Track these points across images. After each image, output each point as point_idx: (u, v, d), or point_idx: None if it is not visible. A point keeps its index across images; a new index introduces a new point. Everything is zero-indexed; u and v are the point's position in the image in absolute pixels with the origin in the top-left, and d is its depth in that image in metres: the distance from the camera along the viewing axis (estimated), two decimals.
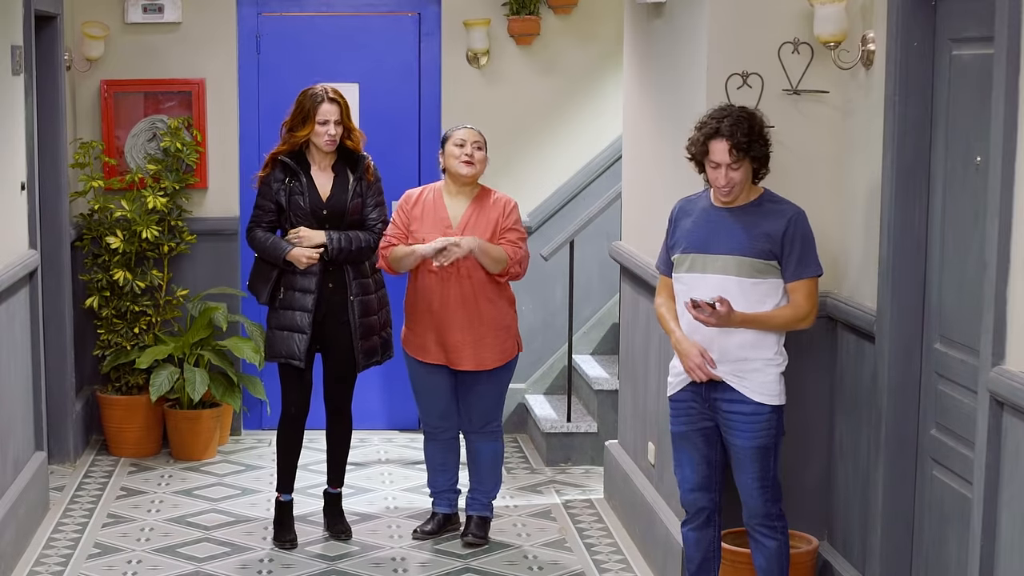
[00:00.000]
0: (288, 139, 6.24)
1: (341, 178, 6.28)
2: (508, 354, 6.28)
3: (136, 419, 7.77)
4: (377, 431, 8.34)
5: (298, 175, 6.23)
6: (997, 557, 4.02)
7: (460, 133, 6.21)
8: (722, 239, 4.89)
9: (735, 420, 4.93)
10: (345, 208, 6.24)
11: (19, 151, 6.58)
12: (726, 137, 4.81)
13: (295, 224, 6.24)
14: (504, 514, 6.83)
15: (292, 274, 6.23)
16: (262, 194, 6.30)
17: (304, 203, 6.21)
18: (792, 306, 4.88)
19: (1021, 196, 3.89)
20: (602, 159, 8.20)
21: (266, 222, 6.29)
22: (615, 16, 7.75)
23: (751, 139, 4.82)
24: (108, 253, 7.78)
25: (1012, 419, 3.93)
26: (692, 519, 5.14)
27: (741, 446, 4.93)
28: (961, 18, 4.57)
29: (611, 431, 7.45)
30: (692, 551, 5.16)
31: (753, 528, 4.99)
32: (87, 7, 7.93)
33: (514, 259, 6.15)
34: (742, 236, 4.86)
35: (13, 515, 6.06)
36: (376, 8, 8.16)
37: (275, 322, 6.30)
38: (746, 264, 4.86)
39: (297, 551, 6.32)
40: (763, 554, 4.99)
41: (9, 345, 6.24)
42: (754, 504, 4.96)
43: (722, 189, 4.88)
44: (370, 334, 6.31)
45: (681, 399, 5.05)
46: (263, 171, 6.32)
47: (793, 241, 4.85)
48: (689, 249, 4.98)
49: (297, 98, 6.25)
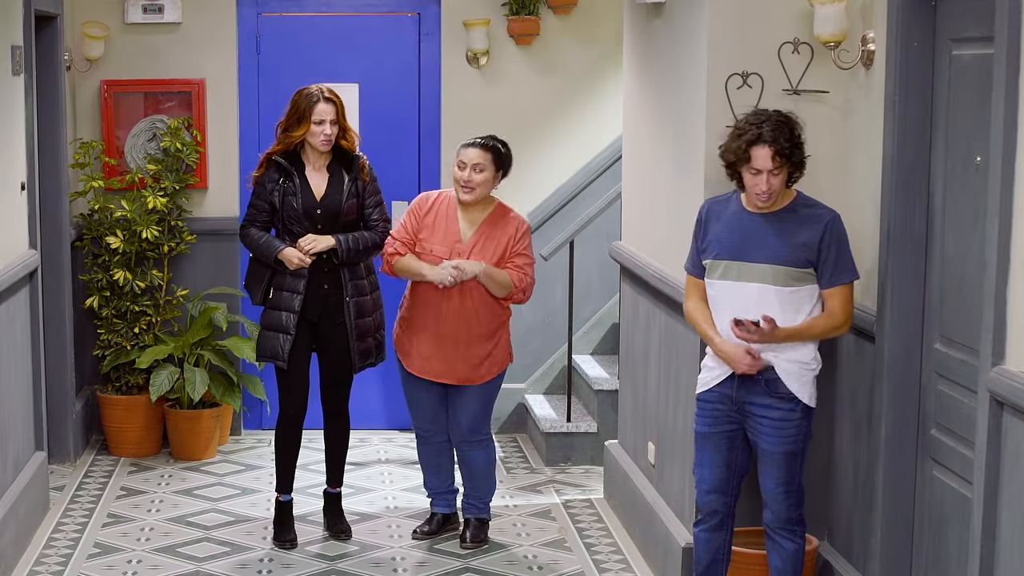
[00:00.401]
0: (283, 139, 6.23)
1: (336, 178, 6.27)
2: (499, 367, 6.27)
3: (136, 419, 7.77)
4: (377, 431, 8.34)
5: (292, 175, 6.22)
6: (997, 557, 4.02)
7: (465, 153, 6.13)
8: (758, 247, 4.85)
9: (764, 424, 4.91)
10: (340, 209, 6.23)
11: (19, 151, 6.58)
12: (769, 143, 4.74)
13: (288, 224, 6.23)
14: (503, 514, 6.83)
15: (282, 274, 6.22)
16: (256, 194, 6.29)
17: (297, 204, 6.19)
18: (828, 315, 4.86)
19: (1021, 196, 3.89)
20: (602, 159, 8.20)
21: (260, 222, 6.28)
22: (615, 16, 7.75)
23: (793, 144, 4.78)
24: (108, 253, 7.78)
25: (1012, 419, 3.93)
26: (704, 520, 5.13)
27: (769, 450, 4.92)
28: (961, 18, 4.57)
29: (611, 431, 7.45)
30: (701, 552, 5.15)
31: (773, 531, 4.98)
32: (87, 7, 7.93)
33: (519, 287, 6.11)
34: (779, 244, 4.83)
35: (13, 515, 6.06)
36: (376, 8, 8.16)
37: (264, 322, 6.31)
38: (782, 273, 4.82)
39: (297, 551, 6.32)
40: (780, 556, 4.99)
41: (9, 345, 6.24)
42: (777, 508, 4.95)
43: (762, 196, 4.81)
44: (365, 335, 6.31)
45: (708, 399, 5.03)
46: (257, 171, 6.31)
47: (830, 247, 4.82)
48: (722, 255, 4.93)
49: (292, 98, 6.23)
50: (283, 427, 6.41)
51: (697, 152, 5.48)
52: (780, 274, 4.83)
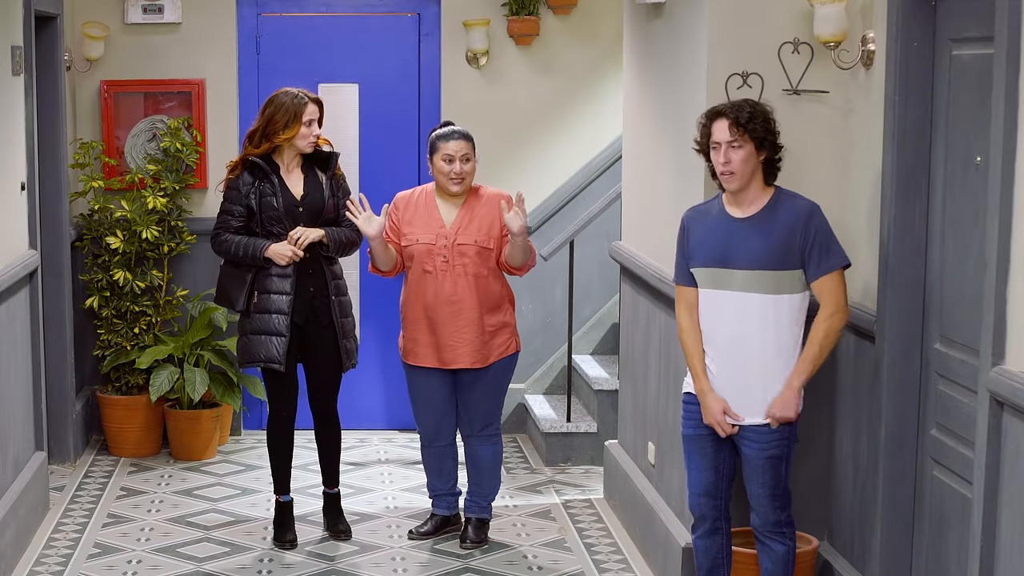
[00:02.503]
0: (265, 144, 6.13)
1: (311, 177, 6.25)
2: (507, 350, 6.25)
3: (136, 419, 7.77)
4: (377, 431, 8.34)
5: (269, 176, 6.18)
6: (997, 557, 4.02)
7: (449, 147, 6.08)
8: (740, 252, 4.82)
9: (748, 430, 4.91)
10: (322, 207, 6.22)
11: (19, 151, 6.58)
12: (726, 115, 4.80)
13: (268, 226, 6.17)
14: (504, 514, 6.83)
15: (267, 277, 6.17)
16: (228, 198, 6.20)
17: (277, 203, 6.15)
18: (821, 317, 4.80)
19: (1021, 196, 3.89)
20: (602, 159, 8.20)
21: (233, 228, 6.20)
22: (615, 16, 7.75)
23: (752, 118, 4.78)
24: (108, 253, 7.79)
25: (1012, 419, 3.93)
26: (698, 526, 5.11)
27: (753, 456, 4.91)
28: (961, 18, 4.57)
29: (611, 431, 7.45)
30: (701, 559, 5.14)
31: (762, 534, 4.98)
32: (87, 7, 7.93)
33: (533, 251, 6.16)
34: (761, 247, 4.79)
35: (13, 515, 6.06)
36: (376, 8, 8.16)
37: (250, 327, 6.21)
38: (768, 278, 4.79)
39: (297, 551, 6.32)
40: (770, 558, 4.99)
41: (9, 345, 6.24)
42: (764, 512, 4.95)
43: (726, 175, 4.80)
44: (348, 335, 6.30)
45: (693, 401, 5.03)
46: (231, 174, 6.23)
47: (815, 232, 4.77)
48: (707, 262, 4.91)
49: (275, 101, 6.12)
50: (276, 431, 6.41)
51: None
52: (766, 280, 4.79)
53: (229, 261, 6.24)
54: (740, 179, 4.82)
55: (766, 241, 4.80)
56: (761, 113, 4.83)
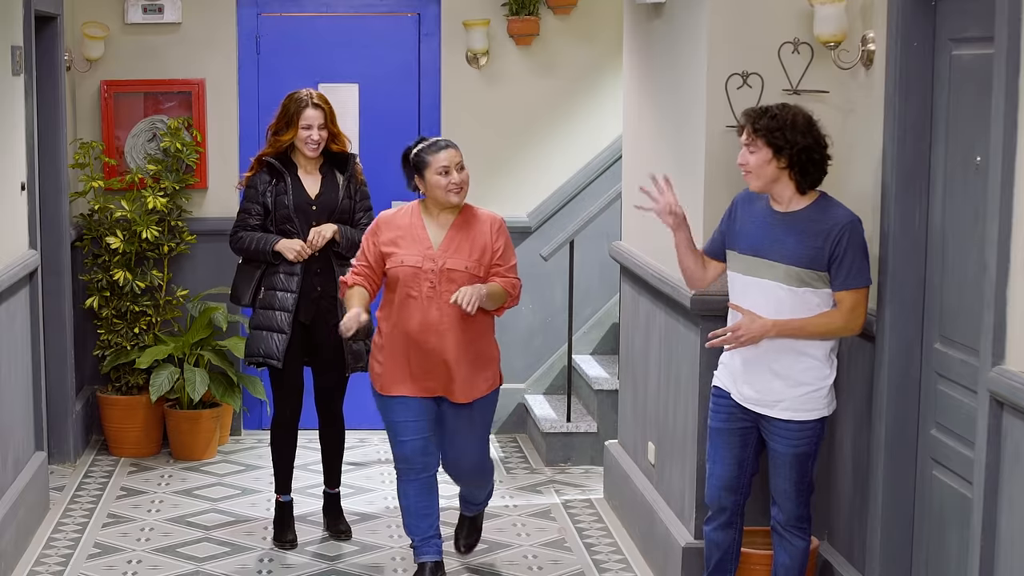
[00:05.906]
0: (273, 142, 6.25)
1: (329, 179, 6.29)
2: (492, 384, 5.80)
3: (136, 419, 7.77)
4: (377, 431, 8.30)
5: (284, 176, 6.22)
6: (997, 557, 4.02)
7: (441, 158, 5.60)
8: (776, 246, 4.86)
9: (778, 426, 4.92)
10: (335, 207, 6.24)
11: (19, 151, 6.58)
12: (747, 117, 4.84)
13: (281, 224, 6.21)
14: (503, 514, 6.83)
15: (274, 274, 6.22)
16: (248, 197, 6.28)
17: (288, 202, 6.19)
18: (827, 314, 4.82)
19: (1021, 196, 3.89)
20: (602, 159, 8.20)
21: (251, 225, 6.25)
22: (615, 16, 7.75)
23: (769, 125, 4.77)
24: (108, 253, 7.79)
25: (1012, 419, 3.93)
26: (714, 518, 5.13)
27: (781, 452, 4.92)
28: (961, 18, 4.57)
29: (611, 431, 7.45)
30: (711, 551, 5.16)
31: (784, 529, 4.98)
32: (87, 7, 7.93)
33: (512, 294, 5.69)
34: (795, 245, 4.82)
35: (13, 515, 6.07)
36: (376, 8, 8.16)
37: (254, 322, 6.28)
38: (794, 274, 4.82)
39: (297, 551, 6.32)
40: (789, 553, 4.99)
41: (9, 345, 6.25)
42: (789, 507, 4.96)
43: (740, 169, 4.89)
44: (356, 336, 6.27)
45: (721, 394, 5.04)
46: (249, 172, 6.31)
47: (845, 249, 4.77)
48: (745, 250, 4.96)
49: (283, 101, 6.25)
50: (279, 431, 6.41)
51: (697, 152, 5.48)
52: (793, 275, 4.83)
53: (245, 258, 6.30)
54: (758, 179, 4.85)
55: (799, 240, 4.82)
56: (783, 122, 4.79)
